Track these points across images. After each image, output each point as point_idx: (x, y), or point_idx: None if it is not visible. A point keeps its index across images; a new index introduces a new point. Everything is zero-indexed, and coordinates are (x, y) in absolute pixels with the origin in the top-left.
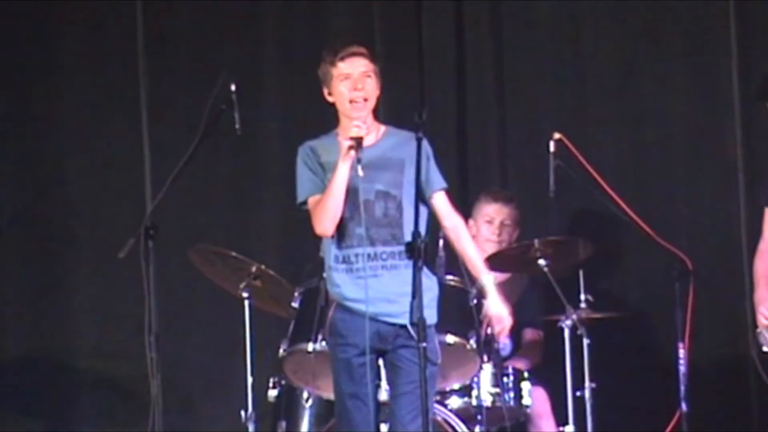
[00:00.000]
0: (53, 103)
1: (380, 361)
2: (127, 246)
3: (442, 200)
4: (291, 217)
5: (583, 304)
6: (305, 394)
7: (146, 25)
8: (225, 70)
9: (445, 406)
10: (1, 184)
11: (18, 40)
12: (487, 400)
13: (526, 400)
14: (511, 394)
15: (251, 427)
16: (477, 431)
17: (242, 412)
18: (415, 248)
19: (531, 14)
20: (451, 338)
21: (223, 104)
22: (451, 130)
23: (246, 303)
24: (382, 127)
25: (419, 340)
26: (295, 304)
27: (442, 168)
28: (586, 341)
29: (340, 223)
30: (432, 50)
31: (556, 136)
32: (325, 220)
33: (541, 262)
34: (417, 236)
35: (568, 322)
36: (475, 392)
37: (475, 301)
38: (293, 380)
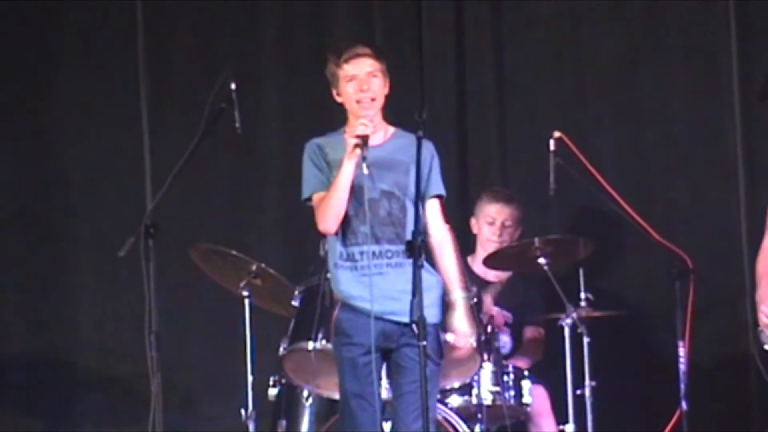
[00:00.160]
0: (53, 101)
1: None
2: (127, 244)
3: (434, 208)
4: (291, 215)
5: (583, 303)
6: (305, 393)
7: (146, 23)
8: (225, 69)
9: (446, 404)
10: (2, 183)
11: (18, 39)
12: (487, 399)
13: (527, 399)
14: (512, 393)
15: (251, 426)
16: (477, 430)
17: (242, 411)
18: (414, 247)
19: (531, 13)
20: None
21: (223, 103)
22: (451, 130)
23: (246, 301)
24: (391, 129)
25: (419, 339)
26: (296, 302)
27: (443, 168)
28: (586, 340)
29: (344, 221)
30: (432, 50)
31: (556, 134)
32: (329, 217)
33: (542, 260)
34: (417, 235)
35: (569, 321)
36: (475, 391)
37: (475, 300)
38: (293, 379)
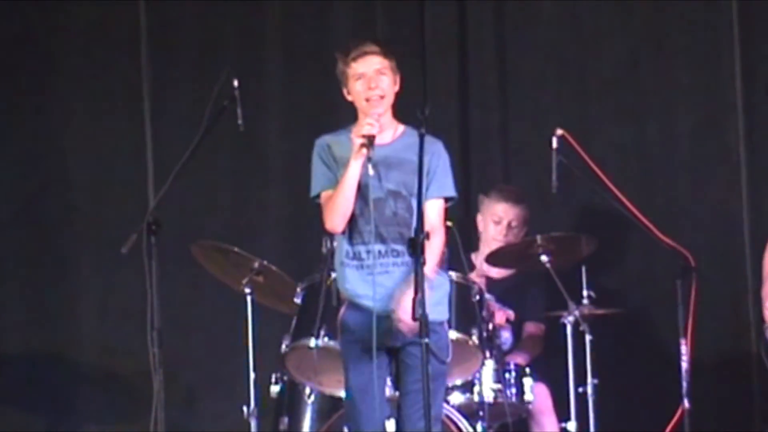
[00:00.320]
0: (56, 100)
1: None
2: (129, 242)
3: (433, 209)
4: (293, 212)
5: (585, 300)
6: (307, 390)
7: (149, 22)
8: (228, 67)
9: (447, 402)
10: (4, 180)
11: (21, 39)
12: (489, 396)
13: (528, 396)
14: (513, 390)
15: (253, 423)
16: (479, 427)
17: (244, 408)
18: (416, 244)
19: (534, 13)
20: (453, 334)
21: (225, 100)
22: (454, 128)
23: (248, 299)
24: (401, 127)
25: (421, 336)
26: (298, 299)
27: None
28: (588, 337)
29: (350, 220)
30: (435, 49)
31: (559, 132)
32: (335, 216)
33: (544, 258)
34: (419, 232)
35: (571, 318)
36: (477, 388)
37: (477, 298)
38: (295, 376)
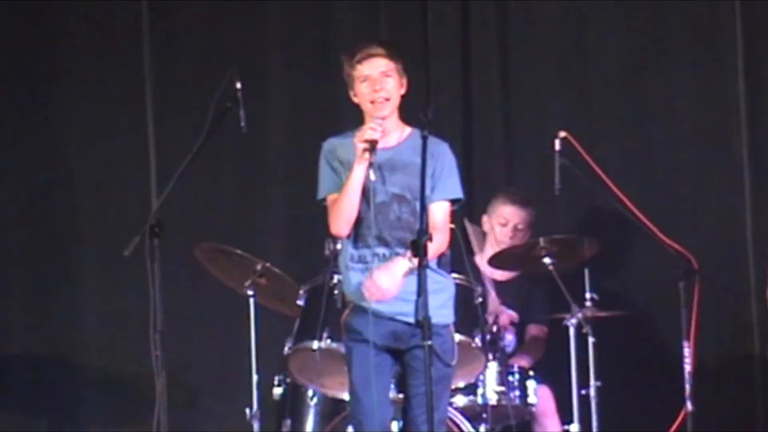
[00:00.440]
0: (59, 101)
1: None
2: (132, 244)
3: (438, 211)
4: (296, 215)
5: (588, 303)
6: (310, 392)
7: (151, 23)
8: (230, 68)
9: (451, 404)
10: (7, 182)
11: (23, 39)
12: (492, 399)
13: (532, 399)
14: (517, 393)
15: (256, 425)
16: (482, 429)
17: (247, 410)
18: (419, 246)
19: (536, 13)
20: (456, 336)
21: (228, 102)
22: (456, 129)
23: (251, 301)
24: (408, 129)
25: (425, 338)
26: (301, 302)
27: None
28: (591, 340)
29: (355, 223)
30: (438, 50)
31: (562, 134)
32: (340, 220)
33: (547, 260)
34: (422, 235)
35: (574, 321)
36: (480, 390)
37: (480, 300)
38: (298, 378)
